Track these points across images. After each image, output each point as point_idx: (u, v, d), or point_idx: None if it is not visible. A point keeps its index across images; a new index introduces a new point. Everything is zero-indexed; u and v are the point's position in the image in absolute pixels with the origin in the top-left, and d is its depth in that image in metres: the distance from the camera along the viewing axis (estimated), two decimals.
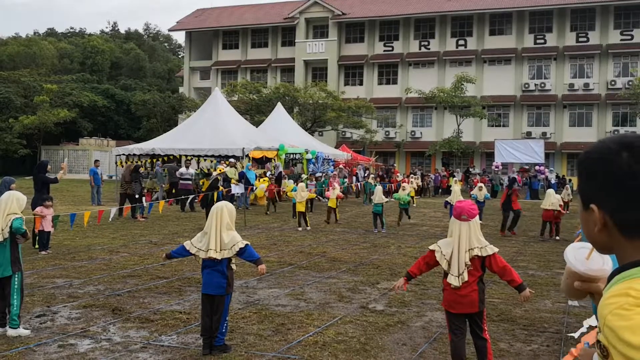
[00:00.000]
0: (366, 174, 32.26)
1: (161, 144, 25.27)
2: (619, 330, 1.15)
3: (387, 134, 47.57)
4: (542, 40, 45.93)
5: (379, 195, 16.33)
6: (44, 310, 7.37)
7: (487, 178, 34.27)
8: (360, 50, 50.33)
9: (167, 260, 8.22)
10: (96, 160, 25.08)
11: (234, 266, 6.02)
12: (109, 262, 10.80)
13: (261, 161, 26.41)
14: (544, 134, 44.30)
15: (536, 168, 34.60)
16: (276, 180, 24.16)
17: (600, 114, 43.99)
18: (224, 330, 5.92)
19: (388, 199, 17.09)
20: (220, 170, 19.10)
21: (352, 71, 51.00)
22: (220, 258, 5.81)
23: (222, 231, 5.85)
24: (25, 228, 6.62)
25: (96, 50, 64.05)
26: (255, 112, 41.73)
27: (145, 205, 17.99)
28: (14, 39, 67.32)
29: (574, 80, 44.81)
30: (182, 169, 22.91)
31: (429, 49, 48.39)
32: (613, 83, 43.55)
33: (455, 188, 18.54)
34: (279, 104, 34.35)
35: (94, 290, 8.52)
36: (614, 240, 1.31)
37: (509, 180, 16.79)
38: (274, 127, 30.26)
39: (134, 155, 25.08)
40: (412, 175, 30.99)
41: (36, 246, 11.76)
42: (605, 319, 1.19)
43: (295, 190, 17.57)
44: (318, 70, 51.52)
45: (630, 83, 40.68)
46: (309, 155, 27.62)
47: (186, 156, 24.74)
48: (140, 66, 68.44)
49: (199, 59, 56.43)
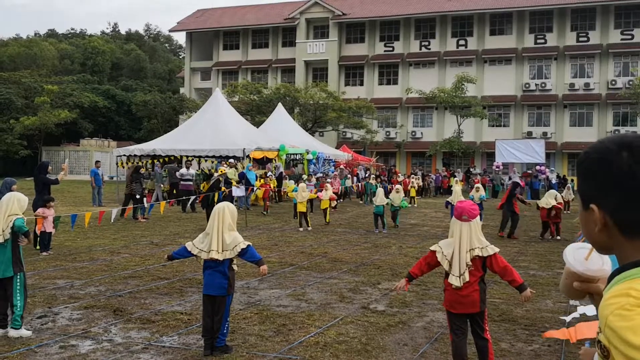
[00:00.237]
0: (367, 174, 32.25)
1: (162, 144, 25.30)
2: (620, 331, 1.15)
3: (388, 134, 47.57)
4: (543, 40, 45.93)
5: (380, 197, 16.37)
6: (45, 311, 7.37)
7: (488, 178, 34.26)
8: (360, 51, 50.34)
9: (169, 262, 8.22)
10: (97, 161, 25.09)
11: (235, 267, 6.02)
12: (110, 263, 10.80)
13: (262, 162, 26.42)
14: (545, 133, 44.28)
15: (537, 168, 34.58)
16: (277, 181, 24.19)
17: (601, 114, 43.98)
18: (225, 331, 5.92)
19: (389, 199, 17.07)
20: (221, 172, 19.09)
21: (353, 71, 51.00)
22: (222, 259, 5.81)
23: (224, 232, 5.86)
24: (27, 227, 6.64)
25: (97, 51, 64.05)
26: (255, 113, 41.74)
27: (146, 205, 17.99)
28: (14, 40, 67.38)
29: (575, 80, 44.80)
30: (183, 170, 22.91)
31: (430, 49, 48.40)
32: (613, 83, 43.53)
33: (456, 188, 18.53)
34: (280, 104, 34.38)
35: (95, 291, 8.52)
36: (614, 240, 1.31)
37: (512, 184, 16.54)
38: (274, 128, 30.29)
39: (135, 156, 25.11)
40: (413, 176, 30.98)
41: (37, 247, 11.76)
42: (607, 319, 1.19)
43: (296, 190, 17.57)
44: (319, 71, 51.54)
45: (630, 83, 40.66)
46: (310, 156, 27.64)
47: (187, 157, 24.76)
48: (140, 67, 68.44)
49: (199, 59, 56.46)
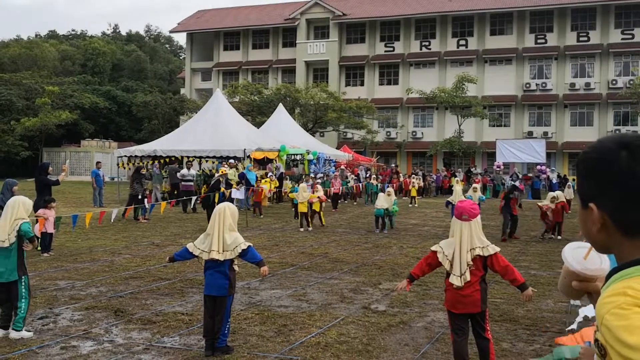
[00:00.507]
0: (367, 175, 32.24)
1: (163, 145, 25.32)
2: (616, 330, 1.15)
3: (389, 134, 47.55)
4: (543, 40, 45.90)
5: (381, 201, 16.40)
6: (47, 312, 7.38)
7: (489, 178, 34.23)
8: (361, 51, 50.33)
9: (170, 263, 8.23)
10: (98, 162, 25.11)
11: (236, 267, 6.03)
12: (111, 264, 10.81)
13: (262, 162, 26.43)
14: (545, 133, 44.25)
15: (538, 168, 34.55)
16: (277, 181, 24.17)
17: (602, 114, 43.94)
18: (226, 331, 5.93)
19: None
20: (222, 172, 19.09)
21: (353, 72, 50.99)
22: (222, 259, 5.82)
23: (225, 232, 5.86)
24: (33, 232, 6.66)
25: (97, 52, 64.07)
26: (256, 113, 41.74)
27: (147, 206, 18.00)
28: (15, 41, 67.42)
29: (575, 80, 44.77)
30: (184, 170, 22.92)
31: (430, 49, 48.39)
32: (614, 82, 43.50)
33: (456, 188, 18.54)
34: (280, 105, 34.38)
35: (96, 292, 8.53)
36: (612, 239, 1.32)
37: (511, 187, 16.37)
38: (275, 128, 30.30)
39: (136, 156, 25.12)
40: (414, 176, 30.98)
41: (38, 248, 11.76)
42: (603, 318, 1.19)
43: (296, 191, 17.57)
44: (319, 71, 51.53)
45: (631, 82, 40.60)
46: (311, 156, 27.65)
47: (188, 157, 24.77)
48: (141, 68, 68.44)
49: (200, 60, 56.47)
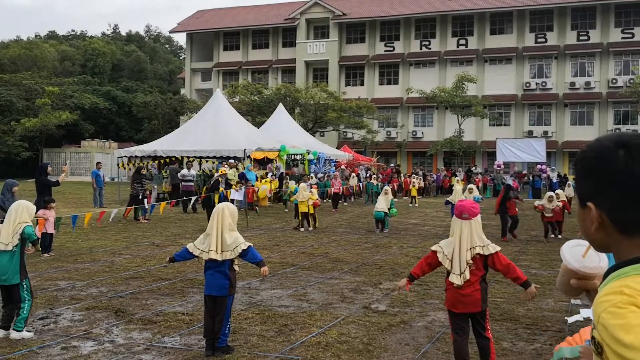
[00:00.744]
0: (368, 174, 32.25)
1: (163, 145, 25.33)
2: (612, 329, 1.15)
3: (389, 134, 47.55)
4: (543, 39, 45.90)
5: (381, 204, 16.41)
6: (47, 312, 7.38)
7: (489, 177, 34.24)
8: (361, 51, 50.32)
9: (171, 263, 8.23)
10: (98, 163, 25.11)
11: (236, 267, 6.03)
12: (111, 264, 10.81)
13: (263, 162, 26.43)
14: (546, 132, 44.24)
15: (538, 167, 34.54)
16: (278, 181, 24.17)
17: (602, 113, 43.93)
18: (226, 331, 5.93)
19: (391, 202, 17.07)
20: (222, 172, 19.09)
21: (353, 71, 50.99)
22: (220, 259, 5.82)
23: (224, 232, 5.87)
24: (37, 235, 6.67)
25: (97, 53, 64.08)
26: (256, 113, 41.73)
27: (147, 207, 18.01)
28: (15, 42, 67.44)
29: (575, 79, 44.76)
30: (184, 171, 22.92)
31: (430, 48, 48.38)
32: (614, 81, 43.48)
33: (457, 187, 18.56)
34: (280, 104, 34.38)
35: (96, 292, 8.53)
36: (610, 238, 1.32)
37: (505, 186, 16.12)
38: (275, 128, 30.30)
39: (136, 157, 25.12)
40: (414, 175, 30.99)
41: (39, 249, 11.75)
42: (600, 316, 1.19)
43: (297, 191, 17.57)
44: (319, 71, 51.53)
45: (631, 81, 40.60)
46: (311, 156, 27.64)
47: (188, 157, 24.77)
48: (141, 68, 68.45)
49: (200, 60, 56.48)
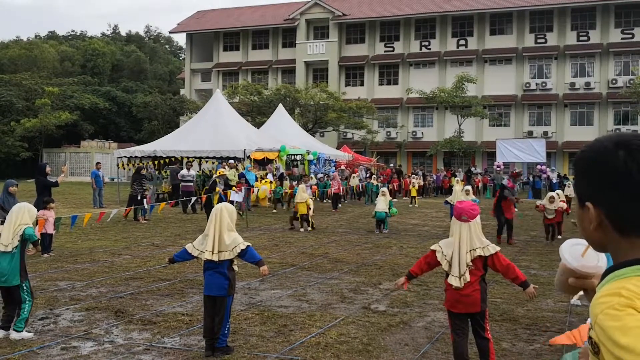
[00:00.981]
0: (367, 175, 32.25)
1: (162, 145, 25.32)
2: (609, 330, 1.16)
3: (389, 134, 47.56)
4: (543, 40, 45.91)
5: (381, 205, 16.41)
6: (47, 312, 7.38)
7: (489, 178, 34.24)
8: (361, 51, 50.33)
9: (170, 264, 8.23)
10: (98, 163, 25.10)
11: (235, 267, 6.03)
12: (111, 265, 10.81)
13: (262, 162, 26.42)
14: (546, 133, 44.25)
15: (538, 167, 34.54)
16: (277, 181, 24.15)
17: (602, 113, 43.95)
18: (226, 331, 5.93)
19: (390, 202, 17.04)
20: (220, 173, 19.08)
21: (353, 72, 51.00)
22: (216, 259, 5.82)
23: (223, 232, 5.87)
24: (37, 236, 6.67)
25: (97, 53, 64.07)
26: (256, 114, 41.74)
27: (147, 207, 18.01)
28: (15, 42, 67.39)
29: (575, 80, 44.77)
30: (184, 171, 22.92)
31: (430, 49, 48.39)
32: (614, 82, 43.50)
33: (456, 188, 18.55)
34: (280, 105, 34.38)
35: (96, 293, 8.53)
36: (609, 238, 1.32)
37: (500, 187, 15.65)
38: (275, 129, 30.29)
39: (136, 157, 25.12)
40: (414, 176, 30.99)
41: (39, 250, 11.75)
42: (597, 317, 1.20)
43: (297, 191, 17.57)
44: (319, 71, 51.54)
45: (631, 82, 40.63)
46: (311, 157, 27.64)
47: (187, 158, 24.77)
48: (141, 68, 68.46)
49: (199, 60, 56.49)
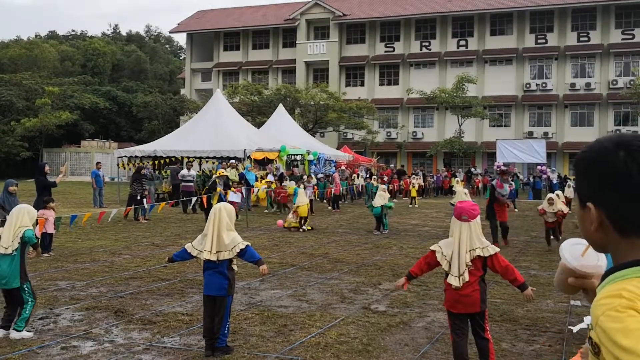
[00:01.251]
0: (368, 175, 32.26)
1: (163, 145, 25.32)
2: (610, 332, 1.16)
3: (389, 134, 47.57)
4: (543, 40, 45.92)
5: (378, 201, 16.42)
6: (47, 312, 7.38)
7: (489, 178, 34.22)
8: (361, 51, 50.35)
9: (169, 263, 8.24)
10: (98, 162, 25.10)
11: (235, 267, 6.03)
12: (111, 264, 10.81)
13: (263, 162, 26.42)
14: (546, 133, 44.26)
15: (538, 168, 34.54)
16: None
17: (602, 114, 43.96)
18: (226, 331, 5.93)
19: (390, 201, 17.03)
20: (219, 173, 19.08)
21: (353, 72, 51.02)
22: (215, 259, 5.82)
23: (222, 232, 5.86)
24: (36, 239, 6.66)
25: (97, 53, 64.08)
26: (256, 114, 41.76)
27: (147, 207, 18.02)
28: (15, 42, 67.37)
29: (576, 80, 44.79)
30: (184, 171, 22.92)
31: (430, 49, 48.41)
32: (614, 82, 43.51)
33: (458, 188, 18.55)
34: (281, 105, 34.39)
35: (96, 292, 8.53)
36: (609, 238, 1.32)
37: (490, 189, 14.93)
38: (275, 129, 30.30)
39: (136, 157, 25.12)
40: (414, 176, 31.01)
41: (40, 252, 11.75)
42: (598, 319, 1.20)
43: (297, 191, 17.59)
44: (319, 72, 51.56)
45: (631, 82, 40.63)
46: (311, 157, 27.64)
47: (188, 158, 24.78)
48: (141, 68, 68.46)
49: (200, 60, 56.50)
